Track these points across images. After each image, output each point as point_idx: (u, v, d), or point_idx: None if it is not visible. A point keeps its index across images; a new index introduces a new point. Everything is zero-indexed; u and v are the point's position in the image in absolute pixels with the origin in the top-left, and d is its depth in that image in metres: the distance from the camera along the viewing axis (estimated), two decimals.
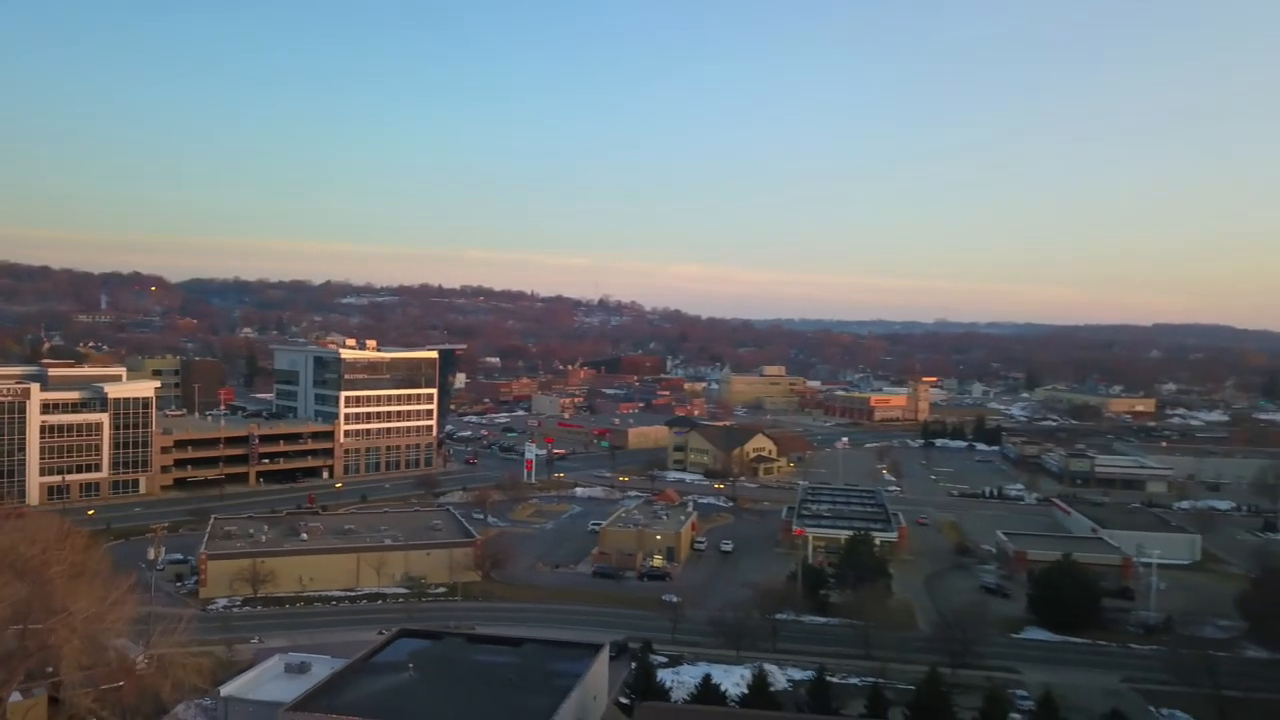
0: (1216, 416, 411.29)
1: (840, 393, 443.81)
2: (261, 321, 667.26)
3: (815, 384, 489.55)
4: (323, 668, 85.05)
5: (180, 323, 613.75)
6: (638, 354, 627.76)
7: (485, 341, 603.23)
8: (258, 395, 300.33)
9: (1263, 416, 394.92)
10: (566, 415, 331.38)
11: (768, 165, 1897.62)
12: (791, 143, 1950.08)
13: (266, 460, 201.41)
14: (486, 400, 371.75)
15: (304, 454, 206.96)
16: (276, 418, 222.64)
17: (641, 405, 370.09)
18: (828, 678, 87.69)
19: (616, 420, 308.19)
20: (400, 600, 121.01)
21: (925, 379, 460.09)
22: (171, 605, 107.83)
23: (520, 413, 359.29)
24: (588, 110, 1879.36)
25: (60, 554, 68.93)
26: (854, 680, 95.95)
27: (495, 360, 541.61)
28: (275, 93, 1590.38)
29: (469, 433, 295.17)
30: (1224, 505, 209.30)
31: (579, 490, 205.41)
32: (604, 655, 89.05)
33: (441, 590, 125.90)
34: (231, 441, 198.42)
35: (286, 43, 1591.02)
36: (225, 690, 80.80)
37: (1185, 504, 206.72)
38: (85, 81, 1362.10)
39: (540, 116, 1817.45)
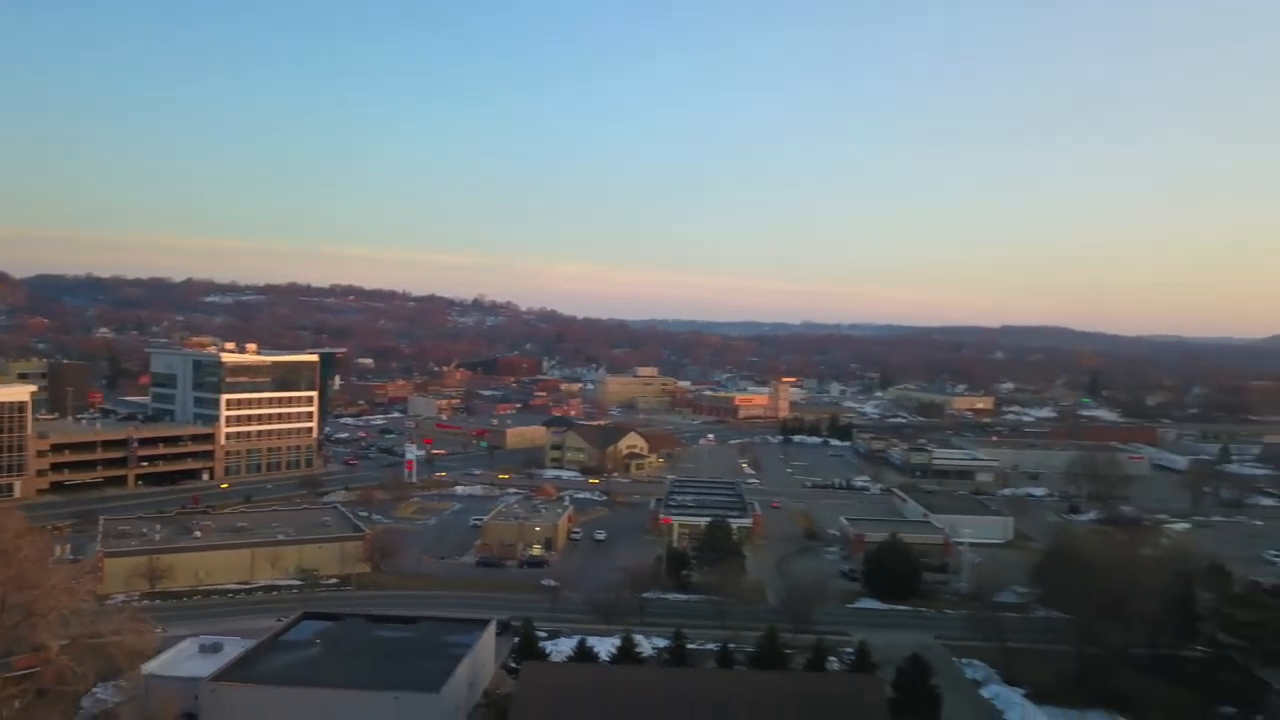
0: (1046, 413, 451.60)
1: (708, 393, 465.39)
2: (119, 321, 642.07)
3: (686, 384, 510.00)
4: (234, 647, 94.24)
5: (30, 322, 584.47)
6: (514, 355, 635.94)
7: (357, 342, 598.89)
8: (126, 398, 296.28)
9: (1085, 413, 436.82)
10: (444, 417, 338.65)
11: (642, 167, 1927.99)
12: (663, 145, 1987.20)
13: (146, 463, 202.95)
14: (361, 402, 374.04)
15: (184, 456, 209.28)
16: (154, 420, 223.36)
17: (519, 406, 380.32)
18: (686, 645, 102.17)
19: (494, 421, 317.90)
20: (295, 591, 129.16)
21: (786, 379, 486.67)
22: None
23: (396, 414, 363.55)
24: (461, 108, 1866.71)
25: (30, 540, 76.11)
26: (710, 646, 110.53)
27: (369, 361, 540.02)
28: (127, 78, 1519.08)
29: (346, 434, 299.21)
30: (1039, 492, 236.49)
31: (459, 489, 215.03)
32: (491, 629, 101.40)
33: (334, 581, 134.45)
34: (110, 445, 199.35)
35: (139, 28, 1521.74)
36: (147, 669, 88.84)
37: (1007, 491, 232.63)
38: None
39: (413, 112, 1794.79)
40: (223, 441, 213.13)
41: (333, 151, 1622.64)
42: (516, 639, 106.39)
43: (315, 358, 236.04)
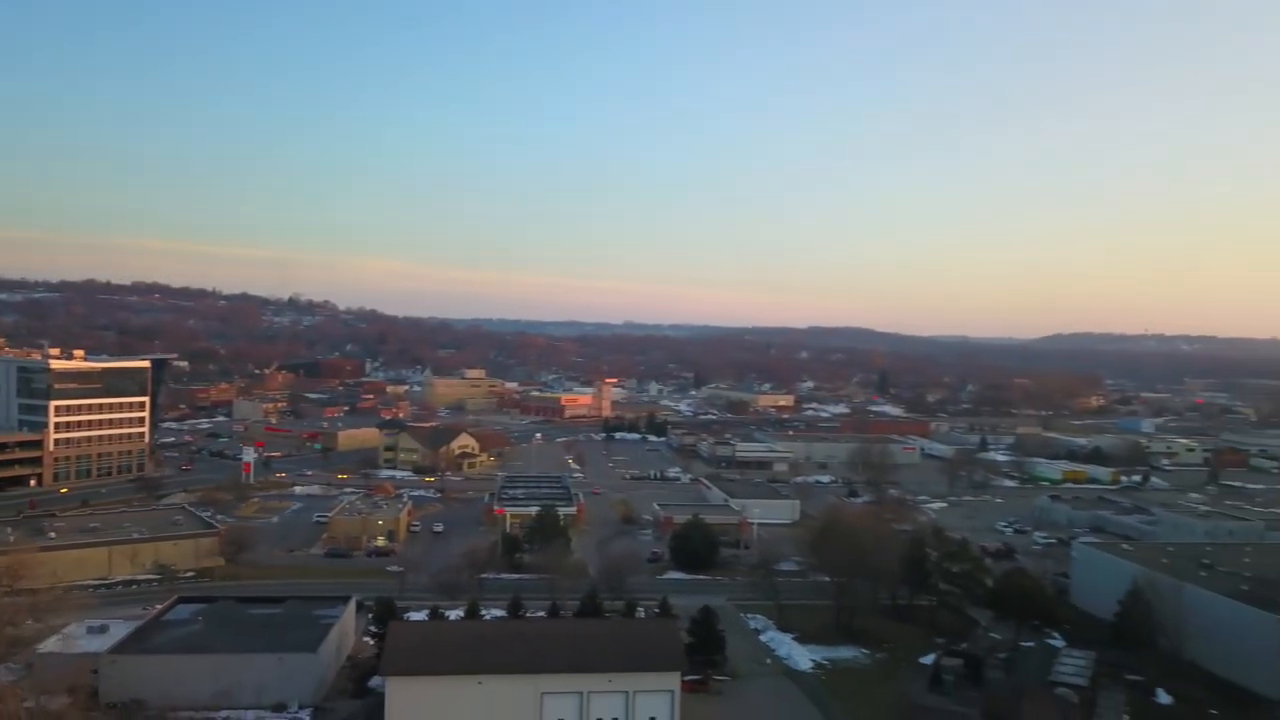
0: (840, 409, 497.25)
1: (535, 393, 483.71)
2: None
3: (513, 385, 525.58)
4: (120, 628, 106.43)
5: None
6: (336, 357, 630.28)
7: (167, 343, 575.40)
8: None
9: (872, 409, 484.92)
10: (273, 420, 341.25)
11: (461, 163, 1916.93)
12: (482, 142, 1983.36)
13: None
14: (183, 406, 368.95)
15: (10, 463, 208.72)
16: None
17: (346, 409, 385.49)
18: (521, 609, 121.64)
19: (324, 424, 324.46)
20: (154, 585, 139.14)
21: (609, 380, 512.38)
22: None
23: (221, 418, 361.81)
24: (269, 96, 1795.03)
25: None
26: (540, 613, 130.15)
27: (184, 364, 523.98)
28: None
29: (172, 439, 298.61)
30: (826, 479, 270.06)
31: (298, 489, 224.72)
32: (352, 604, 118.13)
33: (190, 575, 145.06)
34: None
35: None
36: (41, 649, 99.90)
37: (798, 479, 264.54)
38: None
39: (217, 99, 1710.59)
40: (51, 448, 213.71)
41: (127, 137, 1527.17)
42: (370, 615, 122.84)
43: (147, 363, 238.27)
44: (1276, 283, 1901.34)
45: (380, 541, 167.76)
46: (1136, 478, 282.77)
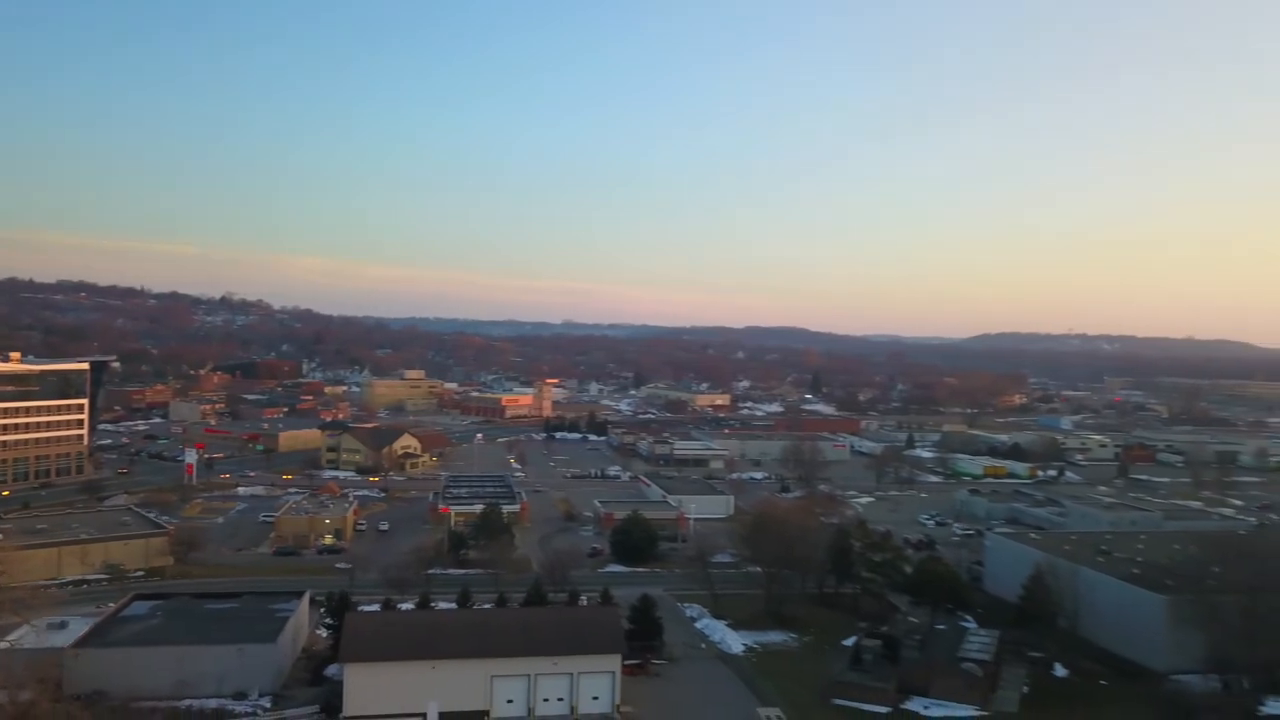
0: (774, 408, 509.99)
1: (475, 394, 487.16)
2: None
3: (452, 385, 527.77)
4: (79, 624, 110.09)
5: None
6: (272, 357, 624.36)
7: (97, 344, 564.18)
8: None
9: (805, 408, 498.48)
10: (212, 421, 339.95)
11: (397, 159, 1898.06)
12: (414, 139, 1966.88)
13: None
14: (118, 408, 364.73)
15: None
16: None
17: (286, 410, 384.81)
18: (471, 601, 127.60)
19: (266, 425, 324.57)
20: (105, 584, 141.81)
21: (550, 380, 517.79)
22: None
23: (158, 419, 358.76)
24: (194, 91, 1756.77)
25: None
26: (488, 605, 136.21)
27: (116, 365, 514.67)
28: None
29: (109, 441, 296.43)
30: (760, 475, 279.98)
31: (241, 489, 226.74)
32: (306, 598, 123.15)
33: (140, 574, 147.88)
34: None
35: None
36: (2, 644, 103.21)
37: (734, 475, 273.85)
38: None
39: (138, 93, 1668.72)
40: None
41: (48, 129, 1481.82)
42: (323, 609, 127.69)
43: (86, 366, 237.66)
44: (1190, 285, 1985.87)
45: (328, 540, 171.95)
46: (1052, 472, 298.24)
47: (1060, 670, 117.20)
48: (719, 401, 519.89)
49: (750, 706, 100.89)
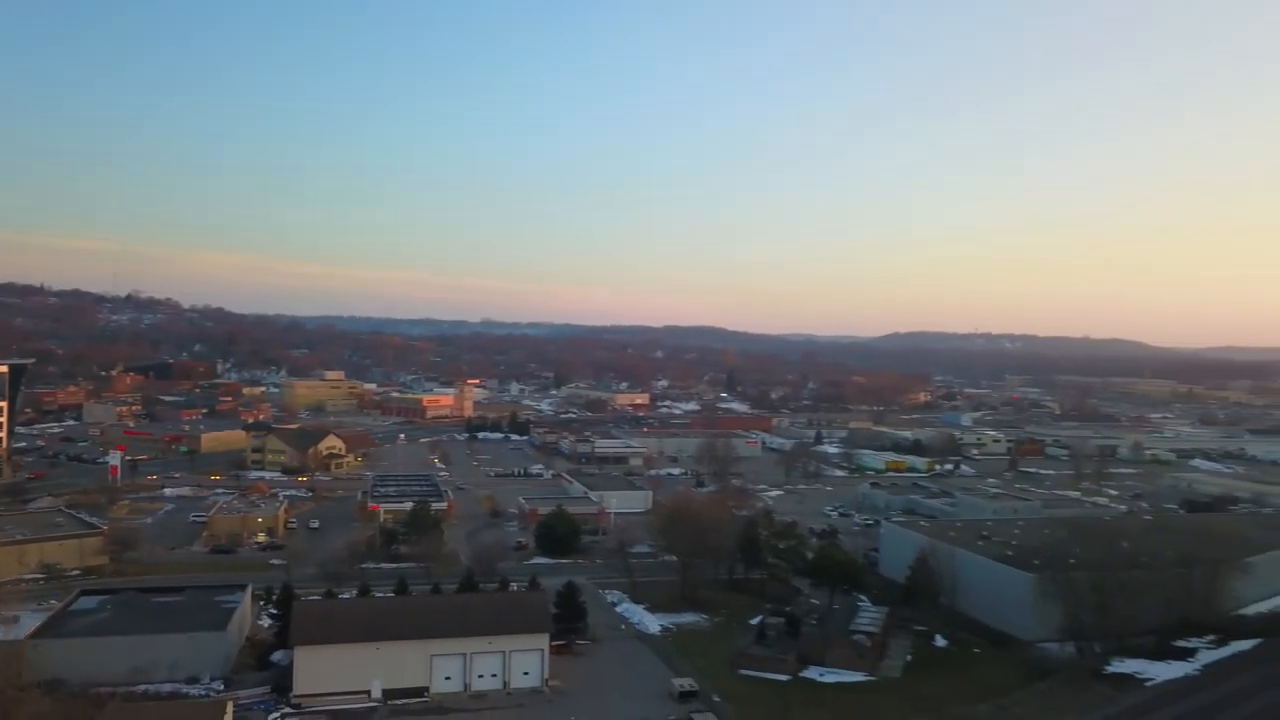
0: (691, 407, 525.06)
1: (395, 394, 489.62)
2: None
3: (372, 386, 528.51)
4: (30, 619, 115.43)
5: None
6: (185, 358, 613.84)
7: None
8: None
9: (721, 406, 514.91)
10: (130, 423, 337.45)
11: (307, 151, 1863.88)
12: (330, 131, 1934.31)
13: None
14: (29, 410, 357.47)
15: None
16: None
17: (205, 411, 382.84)
18: (408, 592, 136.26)
19: (187, 426, 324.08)
20: (41, 583, 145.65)
21: (470, 381, 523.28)
22: None
23: (72, 422, 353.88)
24: (97, 79, 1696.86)
25: None
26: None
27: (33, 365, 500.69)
28: None
29: (24, 444, 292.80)
30: (677, 471, 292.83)
31: (168, 490, 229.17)
32: (249, 590, 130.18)
33: (77, 573, 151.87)
34: None
35: None
36: None
37: (652, 472, 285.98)
38: None
39: (40, 81, 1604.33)
40: None
41: None
42: (262, 602, 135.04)
43: (5, 368, 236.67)
44: (1089, 286, 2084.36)
45: (261, 538, 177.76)
46: (949, 466, 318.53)
47: (940, 640, 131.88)
48: (638, 401, 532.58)
49: (666, 677, 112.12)
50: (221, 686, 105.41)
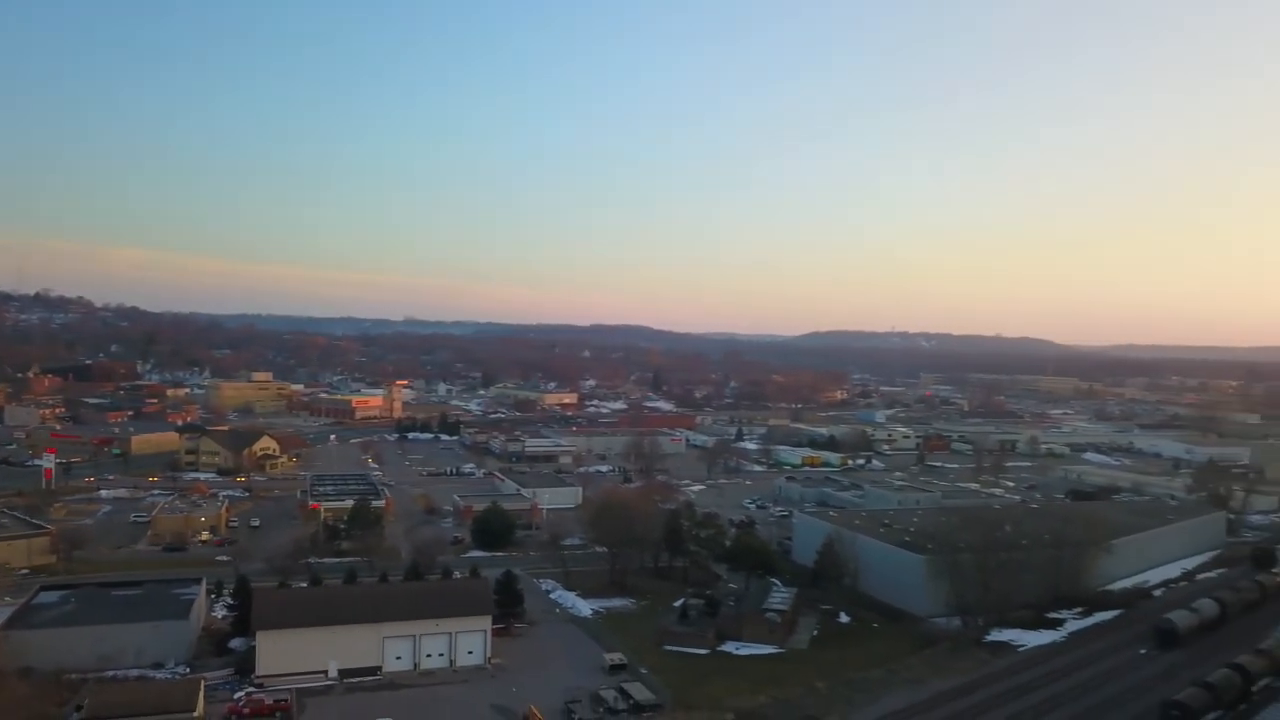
0: (618, 405, 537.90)
1: (324, 395, 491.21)
2: None
3: (299, 387, 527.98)
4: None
5: None
6: (104, 359, 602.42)
7: None
8: None
9: (647, 405, 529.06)
10: (57, 426, 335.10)
11: (225, 144, 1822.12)
12: (249, 123, 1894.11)
13: None
14: None
15: None
16: None
17: (131, 413, 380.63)
18: (357, 581, 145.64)
19: (116, 429, 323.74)
20: None
21: (398, 382, 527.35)
22: None
23: None
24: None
25: None
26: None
27: None
28: None
29: None
30: (605, 468, 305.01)
31: (104, 492, 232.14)
32: (204, 583, 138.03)
33: (25, 571, 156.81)
34: None
35: None
36: None
37: (581, 469, 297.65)
38: None
39: None
40: None
41: None
42: (213, 596, 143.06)
43: None
44: (1002, 287, 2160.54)
45: (205, 536, 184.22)
46: (861, 461, 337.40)
47: (844, 617, 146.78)
48: (566, 400, 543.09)
49: (598, 653, 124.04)
50: (187, 670, 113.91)
